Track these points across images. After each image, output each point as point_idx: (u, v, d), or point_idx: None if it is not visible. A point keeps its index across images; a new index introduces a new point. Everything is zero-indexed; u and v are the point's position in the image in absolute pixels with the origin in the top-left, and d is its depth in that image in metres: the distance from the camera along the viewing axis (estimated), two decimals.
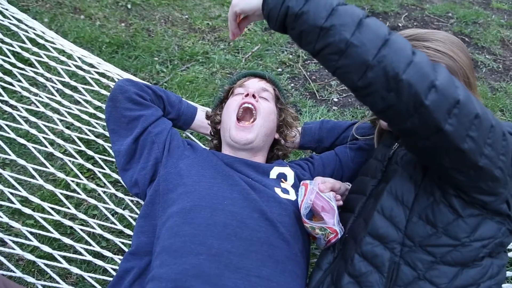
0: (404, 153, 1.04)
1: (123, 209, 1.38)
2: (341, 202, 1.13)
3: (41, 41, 1.53)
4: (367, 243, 0.96)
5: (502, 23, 3.77)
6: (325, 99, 2.72)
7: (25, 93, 1.43)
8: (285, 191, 1.21)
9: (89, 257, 1.18)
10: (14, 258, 1.51)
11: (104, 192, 1.37)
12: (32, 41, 1.52)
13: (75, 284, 1.48)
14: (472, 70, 1.03)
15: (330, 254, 1.09)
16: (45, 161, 1.32)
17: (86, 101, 1.50)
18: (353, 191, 1.18)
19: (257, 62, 2.92)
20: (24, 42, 1.51)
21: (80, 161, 1.38)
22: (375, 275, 0.93)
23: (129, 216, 1.34)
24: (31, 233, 1.12)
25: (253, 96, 1.29)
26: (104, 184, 1.43)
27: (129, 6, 3.23)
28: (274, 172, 1.26)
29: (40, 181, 1.22)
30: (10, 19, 1.48)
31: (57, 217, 1.19)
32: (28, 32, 1.50)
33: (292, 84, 2.80)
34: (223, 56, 2.91)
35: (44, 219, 1.18)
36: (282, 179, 1.25)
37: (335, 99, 2.73)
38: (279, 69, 2.91)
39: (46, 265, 1.11)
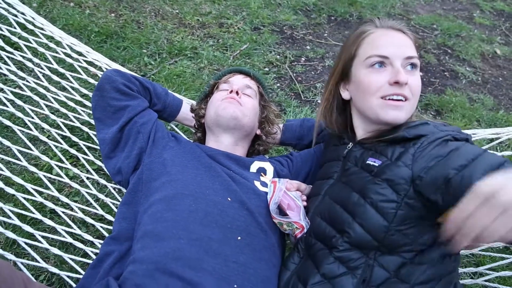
0: (360, 153, 1.07)
1: (105, 196, 1.40)
2: (305, 203, 1.17)
3: (30, 27, 1.54)
4: (344, 249, 0.97)
5: (483, 38, 3.89)
6: (309, 100, 2.78)
7: (12, 77, 1.44)
8: (264, 184, 1.26)
9: (69, 239, 1.21)
10: None
11: (88, 178, 1.40)
12: (21, 26, 1.53)
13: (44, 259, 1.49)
14: None
15: (296, 255, 1.12)
16: (30, 144, 1.33)
17: (73, 88, 1.52)
18: (309, 196, 1.20)
19: (244, 61, 2.96)
20: (13, 26, 1.52)
21: (64, 146, 1.40)
22: (348, 276, 0.96)
23: (111, 202, 1.37)
24: (12, 212, 1.14)
25: (237, 93, 1.34)
26: (87, 170, 1.45)
27: None
28: (254, 166, 1.31)
29: (24, 163, 1.24)
30: (0, 3, 1.49)
31: (39, 198, 1.20)
32: (17, 17, 1.51)
33: (278, 84, 2.85)
34: (211, 52, 2.94)
35: (26, 199, 1.19)
36: (262, 173, 1.30)
37: (319, 101, 2.79)
38: (266, 69, 2.96)
39: (26, 244, 1.13)
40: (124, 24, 2.96)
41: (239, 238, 1.07)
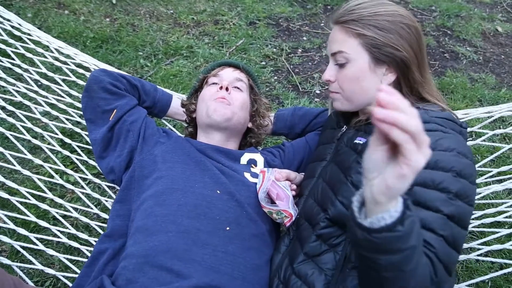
0: (352, 134, 1.08)
1: (101, 195, 1.41)
2: (294, 192, 1.18)
3: (18, 33, 1.55)
4: (325, 226, 0.99)
5: (484, 16, 3.83)
6: (307, 91, 2.76)
7: (2, 83, 1.45)
8: (255, 175, 1.25)
9: (64, 239, 1.22)
10: None
11: (81, 178, 1.41)
12: (8, 33, 1.55)
13: (49, 265, 1.50)
14: (419, 51, 1.00)
15: (286, 237, 1.13)
16: (22, 148, 1.35)
17: (63, 91, 1.53)
18: (304, 178, 1.22)
19: (241, 56, 2.96)
20: (0, 34, 1.54)
21: (57, 148, 1.41)
22: (330, 254, 0.97)
23: (105, 201, 1.38)
24: (7, 216, 1.15)
25: (226, 89, 1.33)
26: (81, 170, 1.46)
27: (113, 1, 3.26)
28: (244, 158, 1.30)
29: (17, 167, 1.25)
30: None
31: (33, 201, 1.22)
32: (3, 24, 1.53)
33: (275, 77, 2.85)
34: (207, 50, 2.94)
35: (22, 203, 1.20)
36: (252, 165, 1.30)
37: (317, 91, 2.77)
38: (263, 63, 2.95)
39: (22, 247, 1.14)
40: (119, 28, 2.98)
41: (227, 228, 1.07)
